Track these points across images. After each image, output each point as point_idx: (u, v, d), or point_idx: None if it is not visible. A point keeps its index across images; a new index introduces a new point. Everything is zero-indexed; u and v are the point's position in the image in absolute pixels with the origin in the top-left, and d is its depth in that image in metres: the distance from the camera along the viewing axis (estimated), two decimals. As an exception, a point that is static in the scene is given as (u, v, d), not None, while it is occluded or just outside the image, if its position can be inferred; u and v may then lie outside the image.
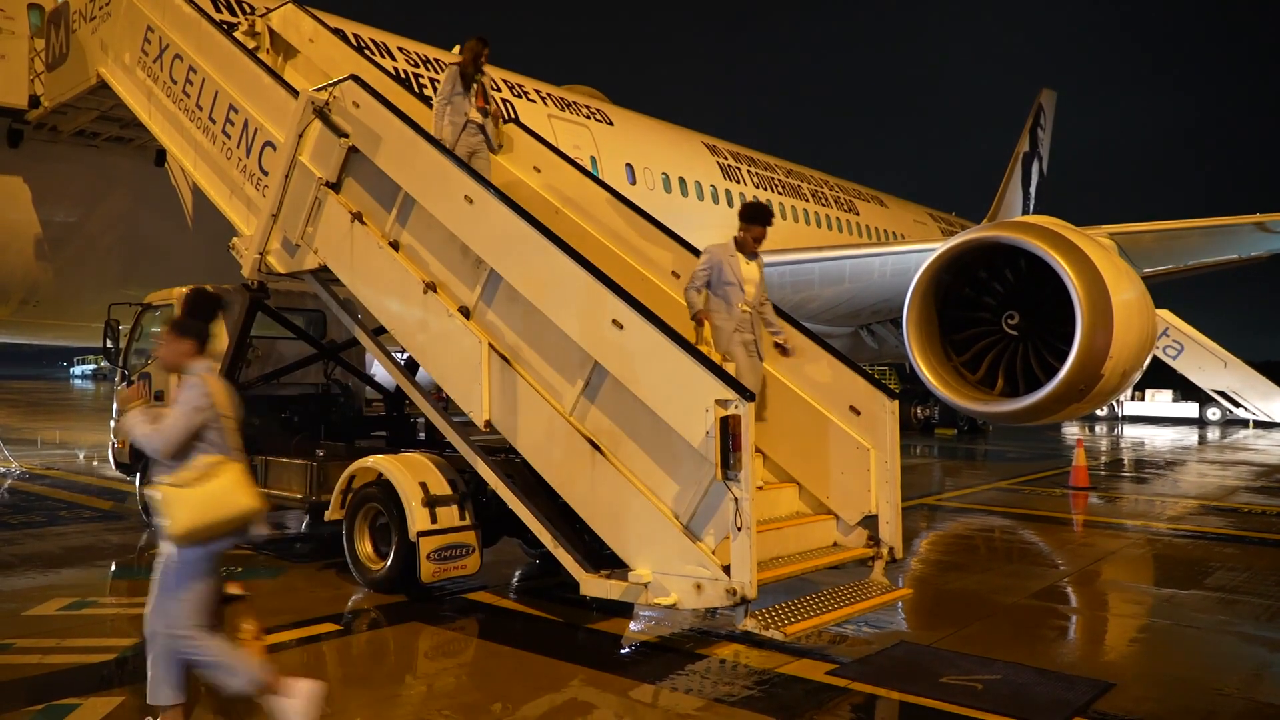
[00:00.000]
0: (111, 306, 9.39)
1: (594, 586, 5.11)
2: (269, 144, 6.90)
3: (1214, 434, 26.57)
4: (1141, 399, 32.81)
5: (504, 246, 5.70)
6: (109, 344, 9.32)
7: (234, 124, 7.24)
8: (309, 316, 8.93)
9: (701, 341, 5.82)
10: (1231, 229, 16.54)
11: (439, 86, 7.58)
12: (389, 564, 6.23)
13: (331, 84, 6.76)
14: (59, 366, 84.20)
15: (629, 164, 15.92)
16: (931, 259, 11.45)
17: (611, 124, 16.36)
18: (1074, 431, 26.29)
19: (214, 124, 7.42)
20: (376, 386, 9.51)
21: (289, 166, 6.71)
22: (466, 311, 5.88)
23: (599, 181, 7.66)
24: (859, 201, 23.96)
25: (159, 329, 3.97)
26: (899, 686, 4.61)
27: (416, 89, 10.88)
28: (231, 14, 10.33)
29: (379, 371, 10.27)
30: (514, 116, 11.03)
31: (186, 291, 3.71)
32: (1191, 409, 31.23)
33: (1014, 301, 11.06)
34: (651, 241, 7.08)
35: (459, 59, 7.54)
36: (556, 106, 15.30)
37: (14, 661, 4.85)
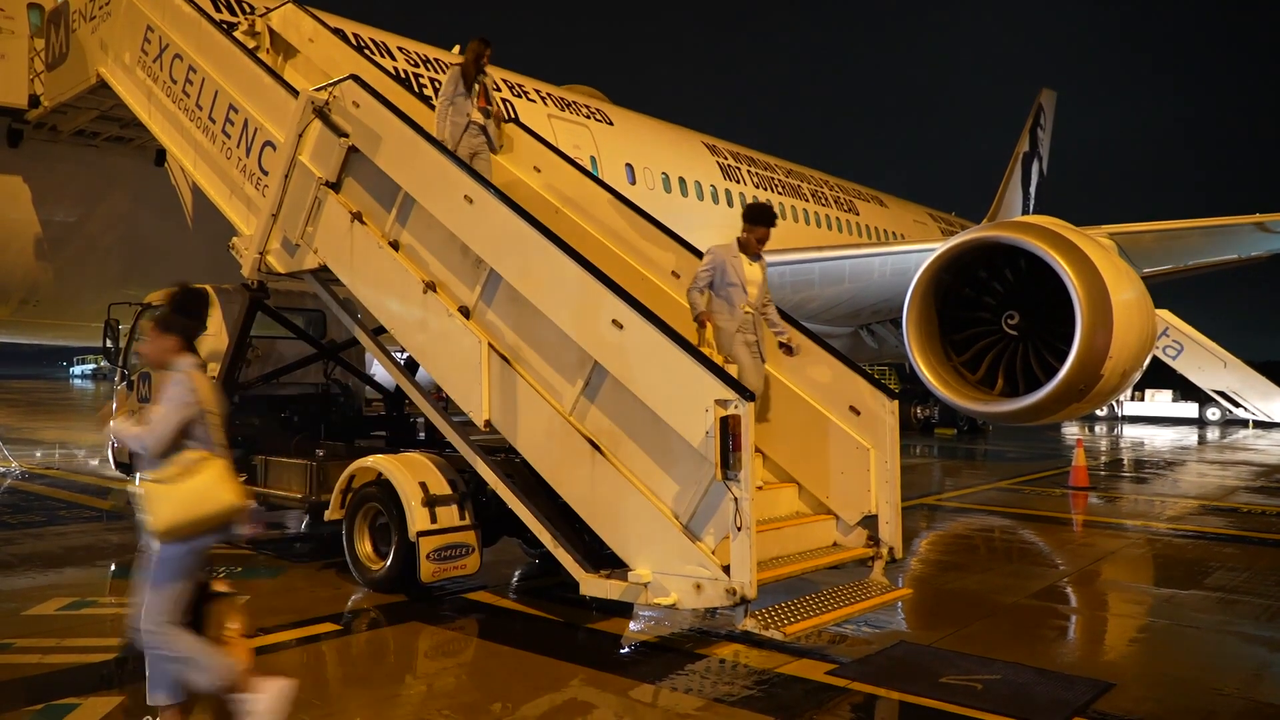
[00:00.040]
0: (111, 306, 9.39)
1: (594, 586, 5.11)
2: (269, 144, 6.90)
3: (1214, 434, 26.57)
4: (1141, 399, 32.79)
5: (504, 246, 5.70)
6: (109, 344, 9.33)
7: (234, 124, 7.24)
8: (309, 316, 8.92)
9: (704, 343, 5.82)
10: (1231, 229, 16.55)
11: (441, 87, 7.59)
12: (389, 564, 6.23)
13: (331, 84, 6.76)
14: (59, 366, 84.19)
15: (629, 164, 15.92)
16: (931, 259, 11.45)
17: (611, 124, 16.36)
18: (1074, 431, 26.29)
19: (214, 124, 7.42)
20: (376, 386, 9.51)
21: (289, 166, 6.71)
22: (466, 311, 5.88)
23: (599, 181, 7.66)
24: (859, 201, 23.97)
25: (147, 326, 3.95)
26: (899, 686, 4.61)
27: (416, 89, 10.88)
28: (231, 14, 10.33)
29: (379, 371, 10.27)
30: (514, 116, 11.02)
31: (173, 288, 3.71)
32: (1191, 409, 31.21)
33: (1014, 301, 11.07)
34: (651, 241, 7.08)
35: (457, 58, 7.55)
36: (556, 106, 15.30)
37: (14, 661, 4.85)
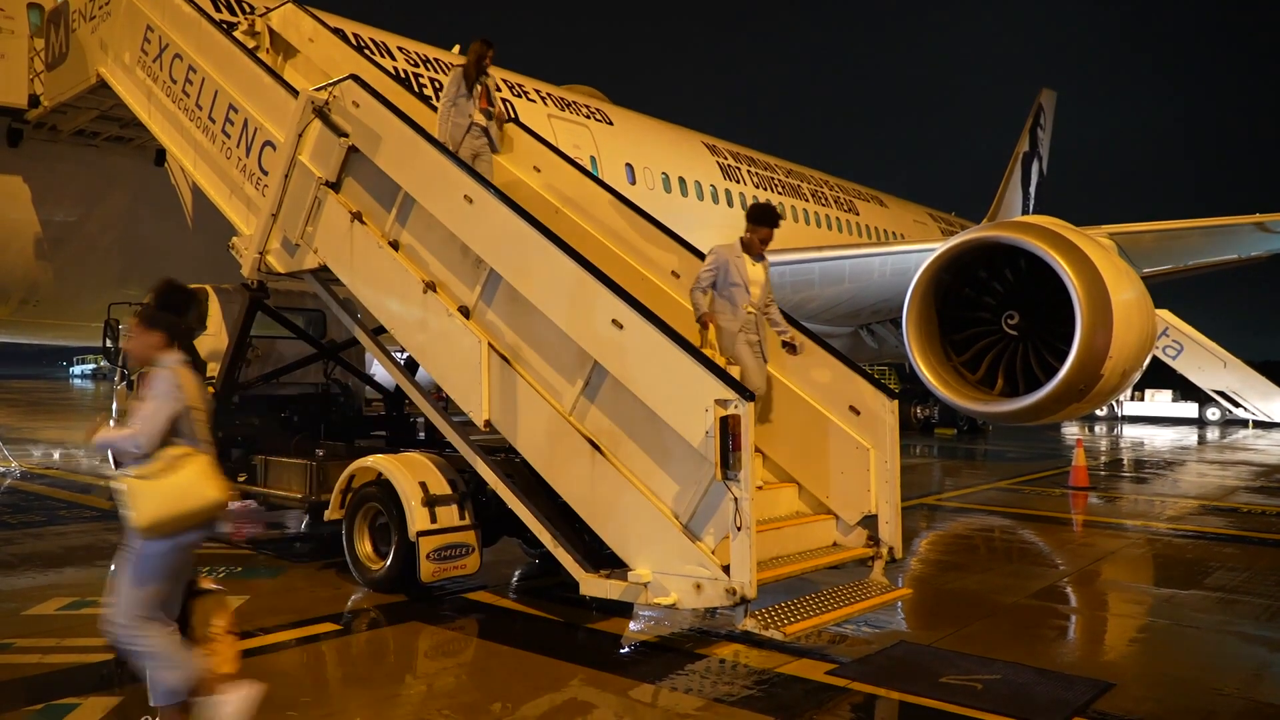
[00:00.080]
0: (111, 306, 9.40)
1: (593, 586, 5.11)
2: (269, 143, 6.90)
3: (1213, 434, 26.57)
4: (1141, 399, 32.80)
5: (504, 246, 5.69)
6: (109, 344, 9.33)
7: (234, 123, 7.24)
8: (309, 316, 8.92)
9: (707, 344, 5.81)
10: (1231, 229, 16.55)
11: (444, 89, 7.58)
12: (389, 563, 6.23)
13: (331, 84, 6.76)
14: (59, 366, 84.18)
15: (629, 164, 15.92)
16: (931, 259, 11.45)
17: (611, 124, 16.36)
18: (1074, 431, 26.29)
19: (214, 123, 7.42)
20: (376, 386, 9.51)
21: (289, 166, 6.71)
22: (466, 311, 5.88)
23: (599, 181, 7.65)
24: (859, 201, 23.97)
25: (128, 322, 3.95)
26: (899, 686, 4.61)
27: (416, 89, 10.88)
28: (231, 13, 10.33)
29: (379, 371, 10.27)
30: (514, 116, 11.02)
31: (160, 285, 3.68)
32: (1191, 409, 31.21)
33: (1014, 301, 11.07)
34: (651, 241, 7.07)
35: (457, 58, 7.55)
36: (556, 106, 15.30)
37: (14, 661, 4.85)
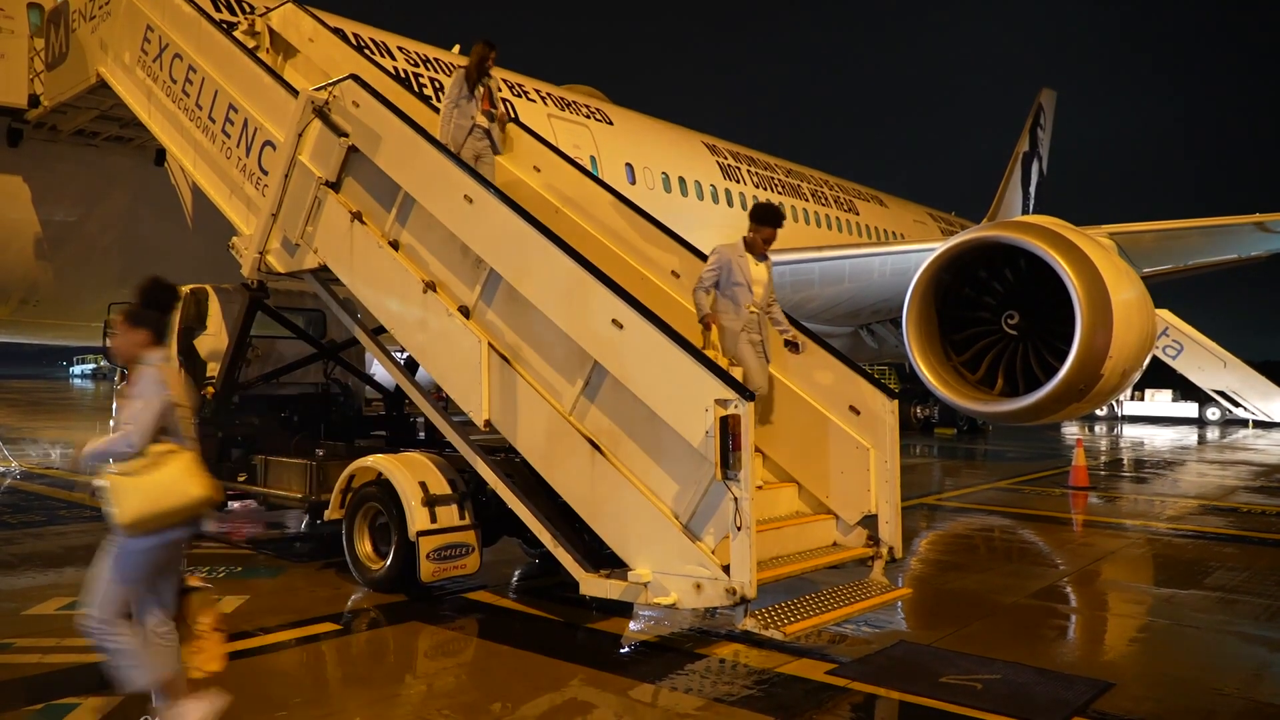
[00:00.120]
0: (111, 306, 9.38)
1: (593, 586, 5.11)
2: (269, 143, 6.90)
3: (1213, 434, 26.57)
4: (1141, 399, 32.80)
5: (504, 246, 5.69)
6: (109, 344, 9.32)
7: (234, 123, 7.24)
8: (309, 316, 8.92)
9: (709, 345, 5.80)
10: (1231, 229, 16.55)
11: (446, 90, 7.58)
12: (389, 563, 6.23)
13: (331, 83, 6.76)
14: (59, 366, 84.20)
15: (629, 163, 15.92)
16: (931, 259, 11.45)
17: (611, 124, 16.36)
18: (1073, 431, 26.29)
19: (214, 123, 7.42)
20: (376, 386, 9.51)
21: (289, 166, 6.71)
22: (466, 311, 5.88)
23: (599, 181, 7.65)
24: (859, 201, 23.97)
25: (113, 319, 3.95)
26: (898, 686, 4.61)
27: (416, 88, 10.88)
28: (231, 13, 10.33)
29: (379, 371, 10.26)
30: (514, 116, 11.02)
31: (145, 282, 3.64)
32: (1191, 409, 31.21)
33: (1014, 301, 11.06)
34: (651, 241, 7.07)
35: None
36: (556, 106, 15.30)
37: (14, 661, 4.85)
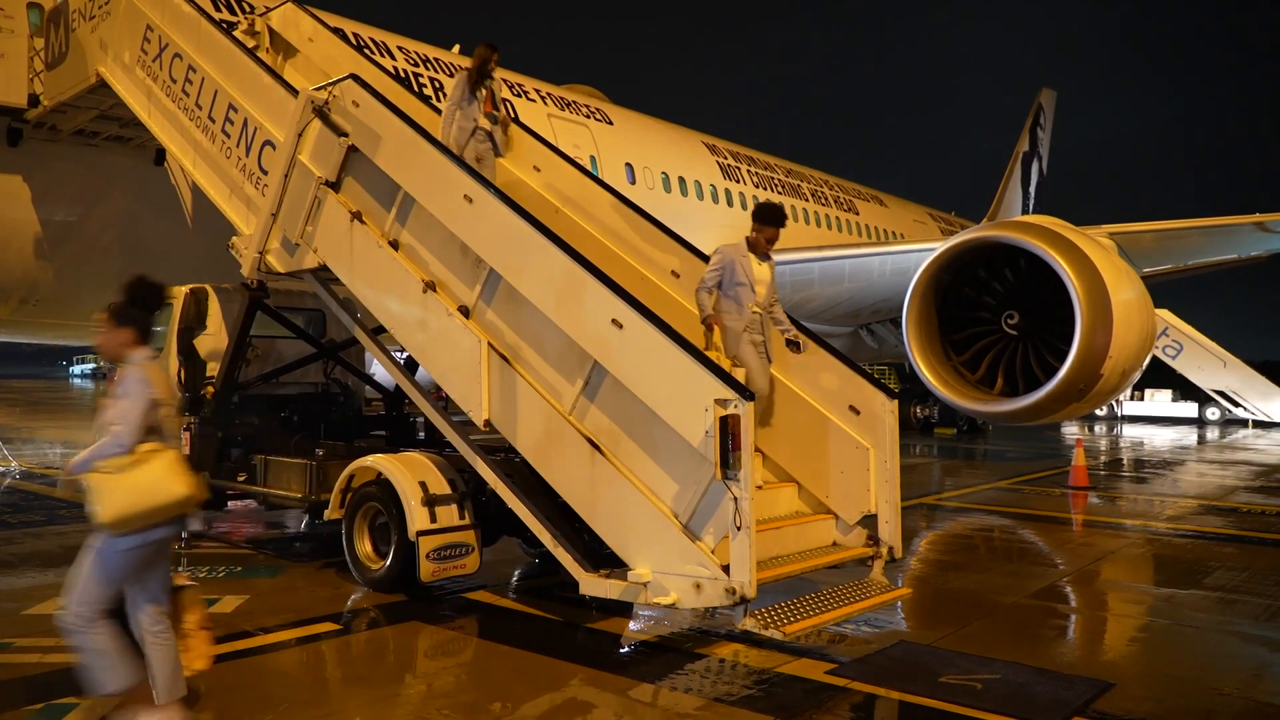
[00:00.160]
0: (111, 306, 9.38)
1: (593, 586, 5.11)
2: (268, 143, 6.90)
3: (1213, 434, 26.57)
4: (1141, 399, 32.81)
5: (503, 246, 5.69)
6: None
7: (233, 123, 7.24)
8: (308, 316, 8.92)
9: (712, 346, 5.79)
10: (1231, 229, 16.54)
11: (449, 92, 7.58)
12: (388, 563, 6.23)
13: (331, 83, 6.76)
14: (59, 366, 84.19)
15: (629, 163, 15.91)
16: (931, 259, 11.45)
17: (611, 123, 16.35)
18: (1073, 431, 26.30)
19: (213, 123, 7.42)
20: (376, 386, 9.51)
21: (288, 166, 6.71)
22: (466, 311, 5.88)
23: (599, 181, 7.65)
24: (859, 201, 23.97)
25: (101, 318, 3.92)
26: (898, 686, 4.61)
27: (416, 88, 10.88)
28: (231, 13, 10.32)
29: (379, 371, 10.26)
30: (514, 116, 11.03)
31: (132, 281, 3.59)
32: (1191, 409, 31.22)
33: (1014, 301, 11.06)
34: (651, 241, 7.07)
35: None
36: (556, 106, 15.29)
37: (14, 661, 4.85)
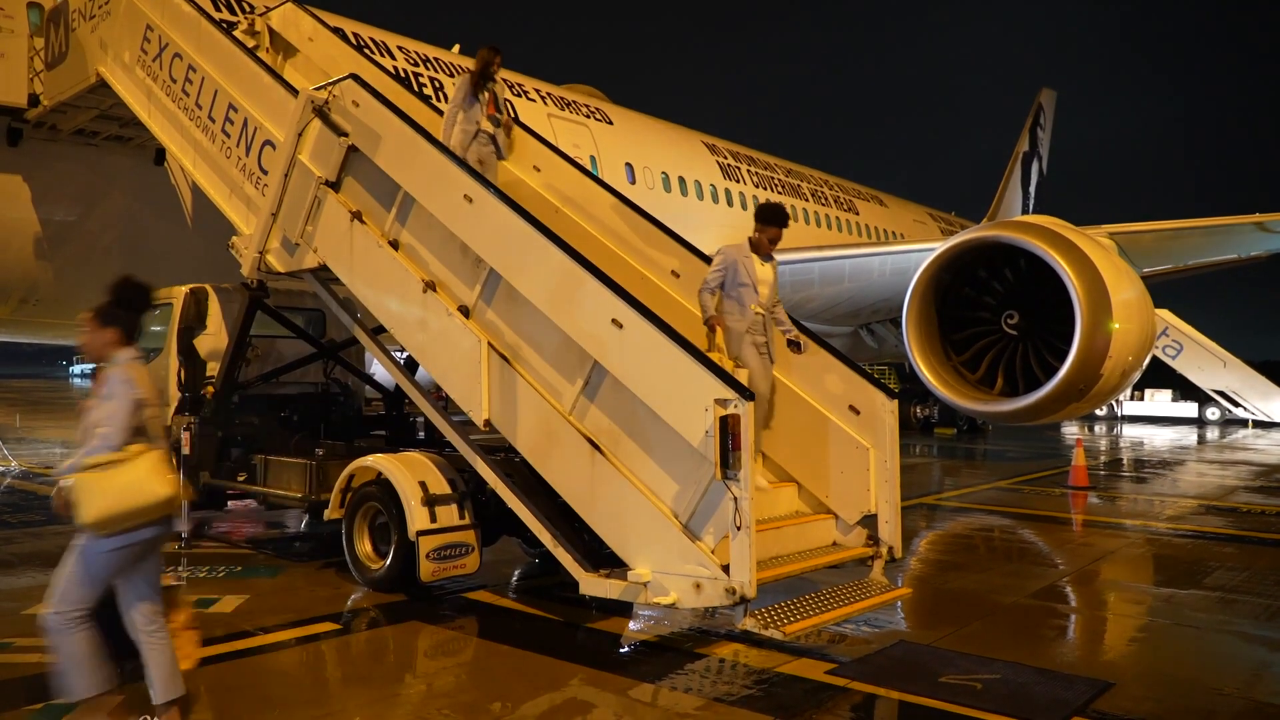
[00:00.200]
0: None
1: (593, 586, 5.11)
2: (268, 143, 6.90)
3: (1213, 434, 26.57)
4: (1141, 399, 32.81)
5: (503, 245, 5.69)
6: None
7: (233, 123, 7.24)
8: (308, 315, 8.93)
9: (715, 347, 5.77)
10: (1231, 229, 16.54)
11: (452, 94, 7.58)
12: (388, 563, 6.23)
13: (331, 83, 6.76)
14: (59, 366, 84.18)
15: (629, 163, 15.91)
16: (931, 258, 11.45)
17: (611, 123, 16.35)
18: (1073, 431, 26.29)
19: (213, 123, 7.42)
20: (376, 386, 9.51)
21: (288, 165, 6.71)
22: (466, 310, 5.88)
23: (599, 181, 7.65)
24: (859, 201, 23.97)
25: (85, 319, 3.89)
26: (898, 686, 4.61)
27: (416, 88, 10.88)
28: (231, 13, 10.33)
29: (379, 370, 10.27)
30: (514, 116, 11.02)
31: (117, 282, 3.54)
32: (1191, 409, 31.22)
33: (1014, 301, 11.07)
34: (651, 241, 7.07)
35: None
36: (556, 106, 15.29)
37: (14, 661, 4.86)
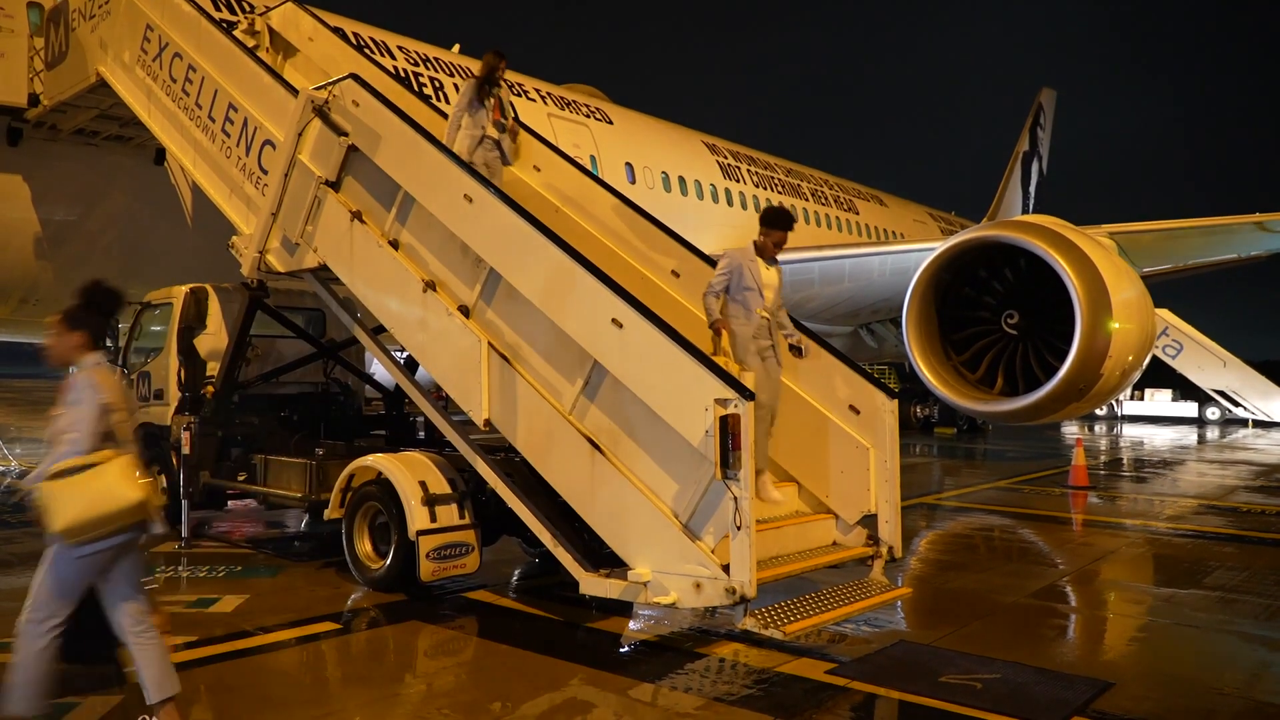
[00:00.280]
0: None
1: (593, 585, 5.11)
2: (268, 142, 6.90)
3: (1213, 433, 26.58)
4: (1141, 398, 32.83)
5: (503, 245, 5.69)
6: (108, 343, 9.31)
7: (233, 122, 7.24)
8: (308, 315, 8.93)
9: (720, 351, 5.77)
10: (1231, 229, 16.53)
11: (457, 98, 7.57)
12: (388, 563, 6.24)
13: (331, 82, 6.76)
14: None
15: (629, 163, 15.91)
16: (931, 258, 11.45)
17: (611, 123, 16.35)
18: (1073, 431, 26.30)
19: (213, 122, 7.42)
20: (376, 385, 9.52)
21: (288, 165, 6.71)
22: (466, 310, 5.87)
23: (599, 181, 7.65)
24: (859, 201, 23.96)
25: (52, 321, 3.81)
26: (898, 685, 4.61)
27: (416, 88, 10.88)
28: (231, 12, 10.32)
29: (379, 370, 10.27)
30: (514, 116, 11.01)
31: (88, 285, 3.45)
32: (1191, 408, 31.24)
33: (1014, 301, 11.06)
34: (651, 241, 7.07)
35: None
36: (556, 105, 15.29)
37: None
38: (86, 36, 8.98)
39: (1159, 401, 32.63)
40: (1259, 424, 28.34)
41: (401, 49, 13.14)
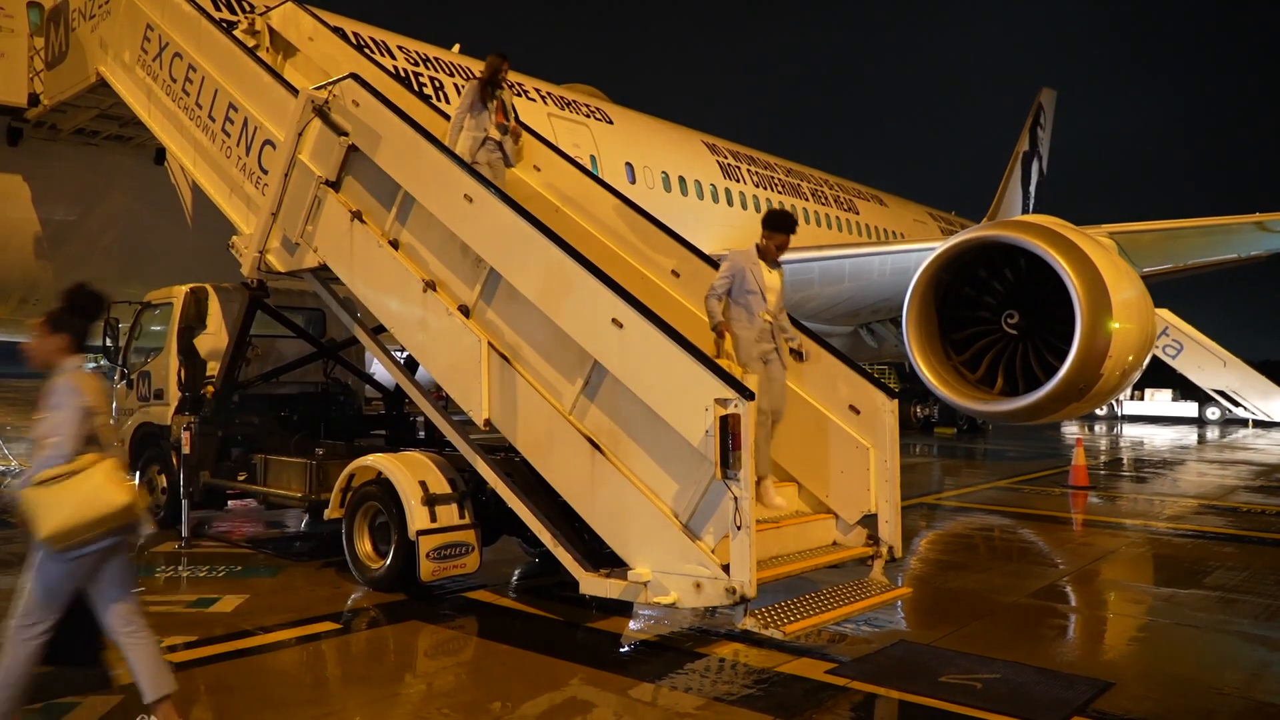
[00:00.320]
0: (111, 305, 9.39)
1: (593, 585, 5.11)
2: (268, 142, 6.90)
3: (1213, 433, 26.58)
4: (1141, 398, 32.84)
5: (503, 245, 5.69)
6: (108, 343, 9.33)
7: (233, 122, 7.24)
8: (309, 315, 8.93)
9: (723, 353, 5.75)
10: (1231, 229, 16.52)
11: (460, 99, 7.57)
12: (388, 563, 6.24)
13: (331, 82, 6.76)
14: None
15: (629, 163, 15.91)
16: (931, 258, 11.44)
17: (611, 123, 16.35)
18: (1073, 431, 26.30)
19: (213, 122, 7.42)
20: (376, 385, 9.52)
21: (289, 165, 6.71)
22: (466, 310, 5.88)
23: (599, 180, 7.65)
24: (859, 201, 23.96)
25: (37, 322, 3.78)
26: (898, 685, 4.61)
27: (416, 87, 10.88)
28: (231, 12, 10.32)
29: (379, 370, 10.27)
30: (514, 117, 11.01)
31: (72, 289, 3.40)
32: (1191, 408, 31.25)
33: (1014, 301, 11.05)
34: (651, 241, 7.07)
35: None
36: (556, 105, 15.29)
37: (13, 660, 4.84)
38: (86, 36, 8.98)
39: (1159, 401, 32.65)
40: (1259, 424, 28.34)
41: (401, 49, 13.15)
